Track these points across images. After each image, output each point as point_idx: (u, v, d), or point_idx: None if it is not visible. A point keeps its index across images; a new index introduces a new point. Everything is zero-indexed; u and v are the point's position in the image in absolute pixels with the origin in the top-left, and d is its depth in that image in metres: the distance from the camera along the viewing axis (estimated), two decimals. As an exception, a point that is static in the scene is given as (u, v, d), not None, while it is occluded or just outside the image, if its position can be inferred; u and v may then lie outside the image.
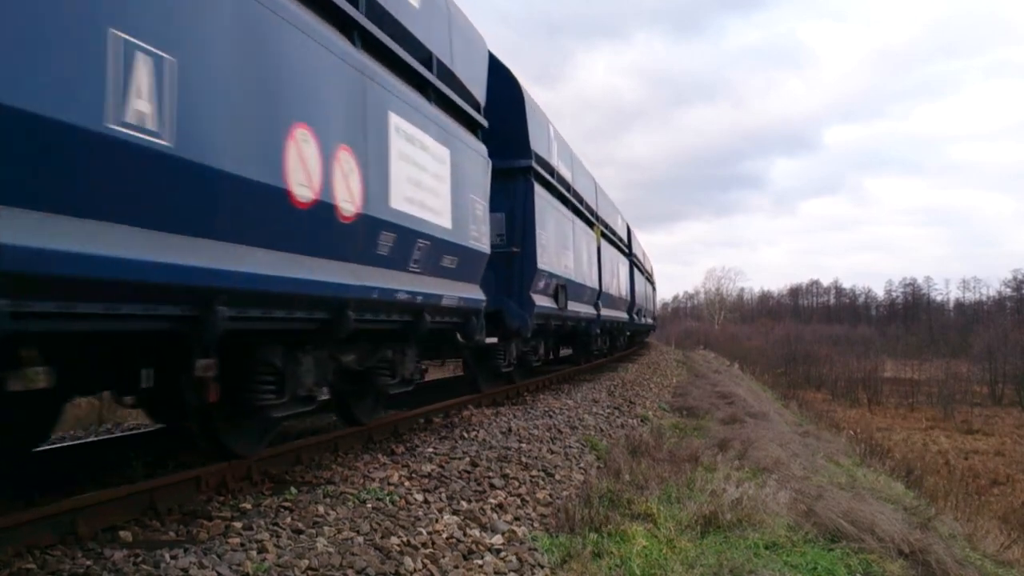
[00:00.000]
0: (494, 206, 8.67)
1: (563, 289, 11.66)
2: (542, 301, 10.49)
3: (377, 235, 5.17)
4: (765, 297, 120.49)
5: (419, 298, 5.96)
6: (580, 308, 13.46)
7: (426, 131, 6.12)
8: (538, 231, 10.22)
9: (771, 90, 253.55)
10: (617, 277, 19.80)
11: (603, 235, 17.24)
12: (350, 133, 4.78)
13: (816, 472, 8.23)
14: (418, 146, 5.94)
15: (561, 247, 11.84)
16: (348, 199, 4.71)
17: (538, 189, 10.41)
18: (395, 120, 5.49)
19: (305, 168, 4.22)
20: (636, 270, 25.84)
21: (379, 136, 5.23)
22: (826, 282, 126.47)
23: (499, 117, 9.05)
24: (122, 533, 3.73)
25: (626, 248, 23.10)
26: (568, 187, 13.15)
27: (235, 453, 4.86)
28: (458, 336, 7.55)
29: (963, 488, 17.35)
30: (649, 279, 34.80)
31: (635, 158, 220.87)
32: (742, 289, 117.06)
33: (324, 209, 4.43)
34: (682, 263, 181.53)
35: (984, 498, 17.52)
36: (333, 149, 4.54)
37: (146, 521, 3.97)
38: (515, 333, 9.82)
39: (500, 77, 9.71)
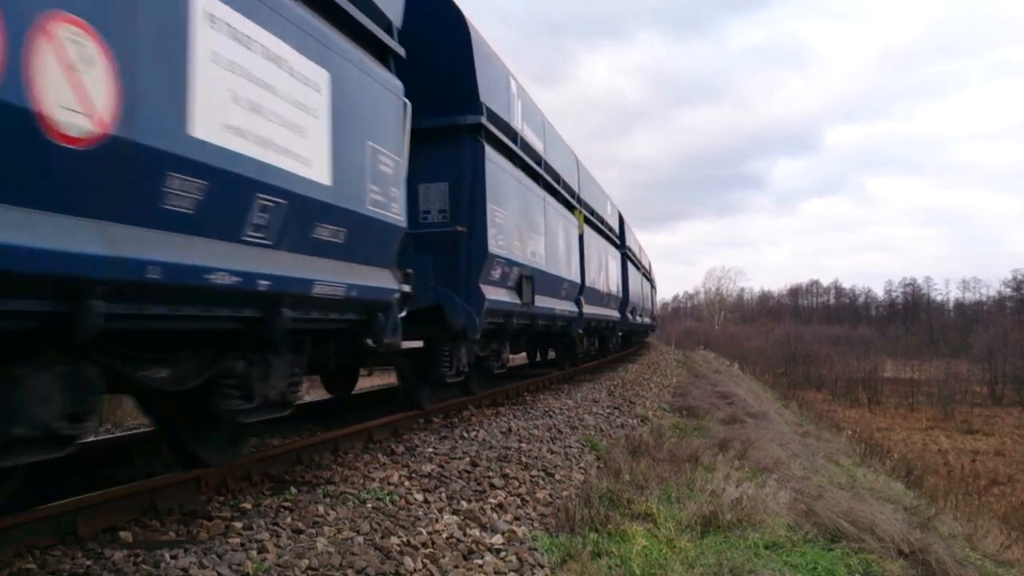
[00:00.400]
0: (434, 175, 7.56)
1: (529, 281, 9.58)
2: (497, 294, 8.42)
3: (160, 177, 3.19)
4: (765, 297, 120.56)
5: (264, 283, 3.92)
6: (556, 304, 11.43)
7: (282, 36, 4.11)
8: (490, 206, 8.03)
9: (773, 90, 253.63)
10: (606, 271, 17.55)
11: (587, 222, 15.34)
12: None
13: (816, 472, 8.23)
14: (260, 54, 3.93)
15: (527, 230, 9.72)
16: (79, 107, 2.77)
17: (491, 153, 8.22)
18: (206, 2, 3.47)
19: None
20: (630, 264, 23.48)
21: (165, 19, 3.23)
22: (826, 282, 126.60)
23: (436, 61, 7.61)
24: (122, 533, 3.73)
25: (618, 239, 21.04)
26: (539, 160, 10.91)
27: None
28: (368, 340, 5.52)
29: (963, 488, 17.36)
30: (647, 276, 33.08)
31: (638, 159, 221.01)
32: (742, 289, 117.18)
33: (12, 117, 2.52)
34: (684, 263, 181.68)
35: (984, 498, 17.53)
36: (33, 17, 2.58)
37: (146, 521, 3.97)
38: (461, 334, 7.82)
39: (437, 7, 7.91)
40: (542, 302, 10.40)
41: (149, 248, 3.16)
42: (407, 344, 6.52)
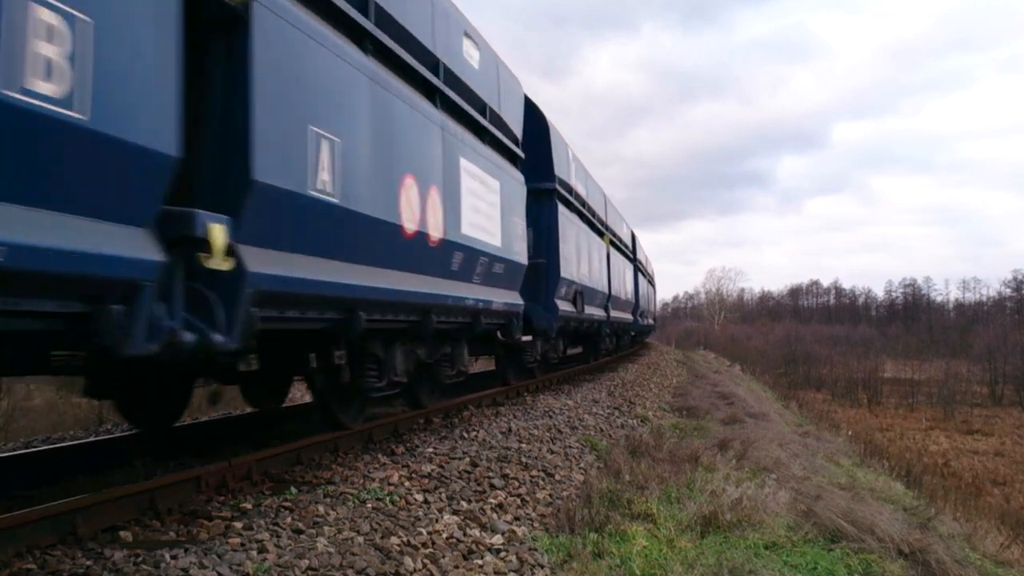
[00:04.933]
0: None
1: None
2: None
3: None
4: (765, 297, 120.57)
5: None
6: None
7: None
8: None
9: (780, 86, 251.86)
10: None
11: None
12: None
13: (816, 472, 8.24)
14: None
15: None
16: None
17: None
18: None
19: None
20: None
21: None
22: (826, 282, 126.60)
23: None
24: (122, 533, 3.73)
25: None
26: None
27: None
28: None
29: (963, 488, 17.36)
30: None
31: (641, 156, 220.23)
32: (742, 289, 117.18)
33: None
34: (685, 263, 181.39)
35: (984, 498, 17.53)
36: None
37: (146, 521, 3.97)
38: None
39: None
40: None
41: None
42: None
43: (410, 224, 5.73)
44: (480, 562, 3.88)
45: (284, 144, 4.09)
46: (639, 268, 27.36)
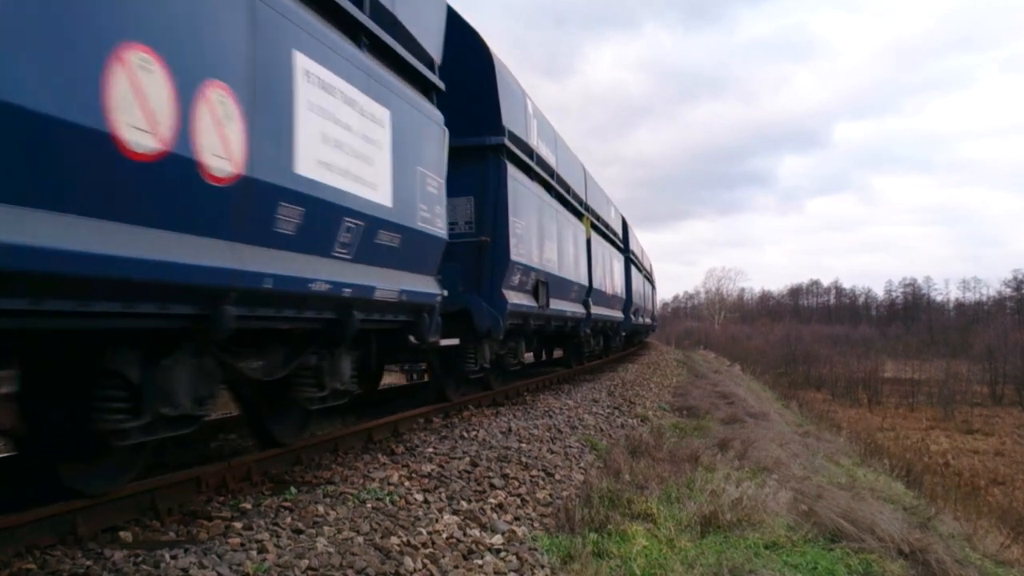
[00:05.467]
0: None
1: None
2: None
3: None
4: (765, 297, 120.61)
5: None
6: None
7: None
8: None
9: (781, 85, 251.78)
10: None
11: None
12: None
13: (816, 472, 8.24)
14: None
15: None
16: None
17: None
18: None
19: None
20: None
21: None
22: (826, 282, 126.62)
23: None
24: (122, 533, 3.73)
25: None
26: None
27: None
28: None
29: (963, 488, 17.36)
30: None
31: (641, 156, 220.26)
32: (742, 289, 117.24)
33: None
34: (685, 263, 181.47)
35: (984, 498, 17.53)
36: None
37: (146, 521, 3.97)
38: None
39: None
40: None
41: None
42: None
43: (147, 139, 3.05)
44: (480, 562, 3.88)
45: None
46: (633, 261, 24.40)
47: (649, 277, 34.26)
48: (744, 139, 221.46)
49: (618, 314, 20.00)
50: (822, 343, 67.42)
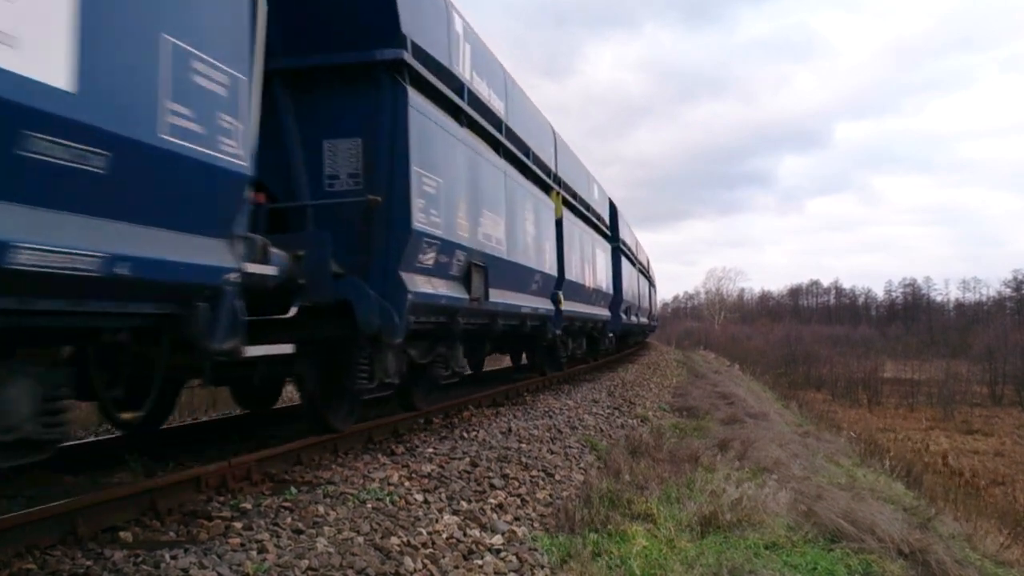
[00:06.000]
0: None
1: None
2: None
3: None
4: (765, 297, 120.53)
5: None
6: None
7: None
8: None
9: (782, 85, 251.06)
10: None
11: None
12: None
13: (816, 472, 8.23)
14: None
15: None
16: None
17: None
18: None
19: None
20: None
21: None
22: (826, 282, 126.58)
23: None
24: (122, 533, 3.73)
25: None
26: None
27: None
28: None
29: (963, 488, 17.37)
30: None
31: (642, 156, 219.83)
32: (742, 289, 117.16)
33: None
34: (685, 263, 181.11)
35: (984, 498, 17.53)
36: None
37: (146, 521, 3.97)
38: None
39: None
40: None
41: None
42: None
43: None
44: (480, 562, 3.88)
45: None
46: (624, 252, 21.27)
47: (645, 272, 31.27)
48: (744, 139, 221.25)
49: (603, 312, 16.87)
50: (822, 343, 67.39)
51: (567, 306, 12.27)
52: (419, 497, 4.76)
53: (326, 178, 5.92)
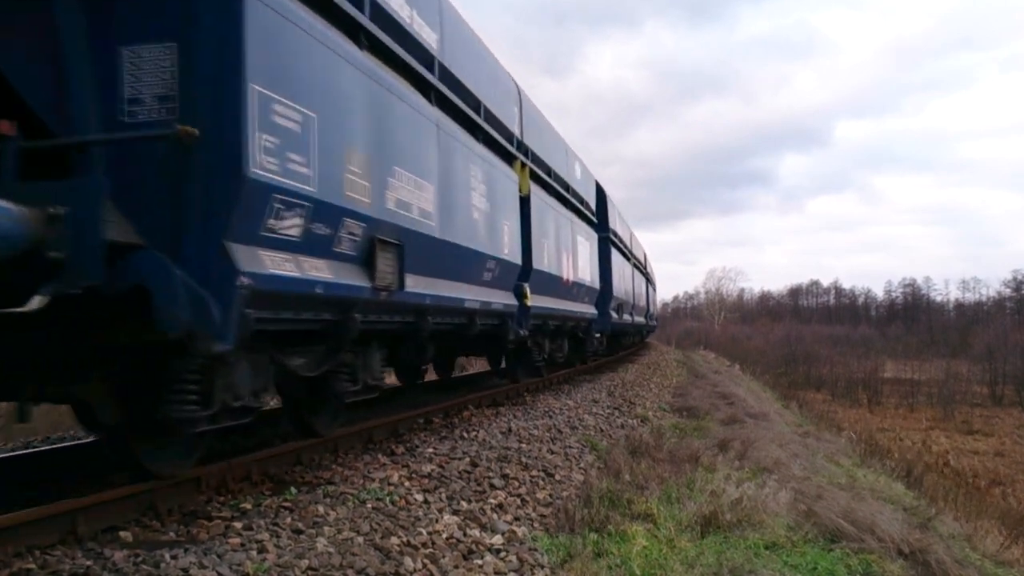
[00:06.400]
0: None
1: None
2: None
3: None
4: (765, 297, 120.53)
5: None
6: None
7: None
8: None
9: (782, 84, 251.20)
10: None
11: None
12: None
13: (816, 472, 8.23)
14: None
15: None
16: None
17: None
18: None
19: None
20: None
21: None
22: (826, 282, 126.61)
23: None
24: (122, 533, 3.73)
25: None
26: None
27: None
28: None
29: (963, 488, 17.36)
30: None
31: (642, 156, 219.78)
32: (742, 289, 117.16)
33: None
34: (685, 262, 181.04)
35: (984, 498, 17.53)
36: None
37: (146, 521, 3.97)
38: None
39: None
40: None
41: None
42: None
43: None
44: (480, 562, 3.88)
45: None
46: (615, 244, 19.12)
47: (643, 269, 29.14)
48: (745, 138, 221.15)
49: (588, 309, 14.69)
50: (822, 343, 67.36)
51: (537, 301, 10.11)
52: (419, 497, 4.76)
53: (125, 103, 3.88)
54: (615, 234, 19.24)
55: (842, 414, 33.84)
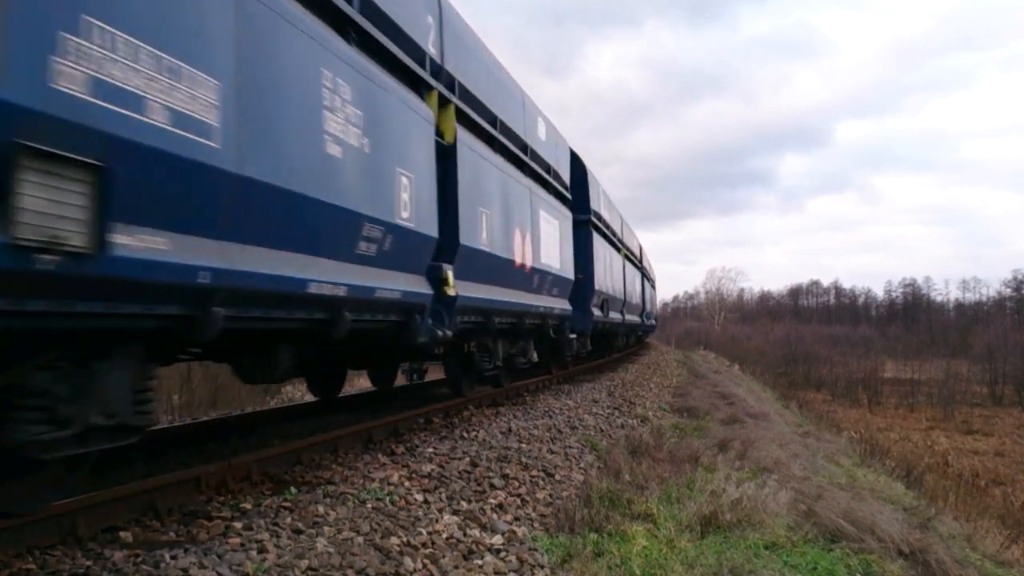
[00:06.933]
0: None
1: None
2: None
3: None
4: (765, 297, 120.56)
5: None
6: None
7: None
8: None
9: (783, 84, 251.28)
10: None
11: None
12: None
13: (816, 472, 8.23)
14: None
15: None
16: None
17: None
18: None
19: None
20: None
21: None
22: (826, 282, 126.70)
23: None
24: (122, 533, 3.73)
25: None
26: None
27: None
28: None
29: (963, 488, 17.36)
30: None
31: (642, 156, 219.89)
32: (742, 289, 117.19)
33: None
34: (685, 262, 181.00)
35: (984, 498, 17.53)
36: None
37: (146, 521, 3.97)
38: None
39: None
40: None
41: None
42: None
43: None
44: (480, 562, 3.88)
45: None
46: (601, 230, 16.39)
47: (638, 265, 26.41)
48: (745, 138, 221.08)
49: (556, 304, 11.66)
50: (822, 343, 67.37)
51: (471, 291, 7.63)
52: (419, 497, 4.76)
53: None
54: (599, 218, 16.22)
55: (842, 414, 33.83)
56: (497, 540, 4.23)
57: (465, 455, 6.11)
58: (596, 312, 14.91)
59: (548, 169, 11.72)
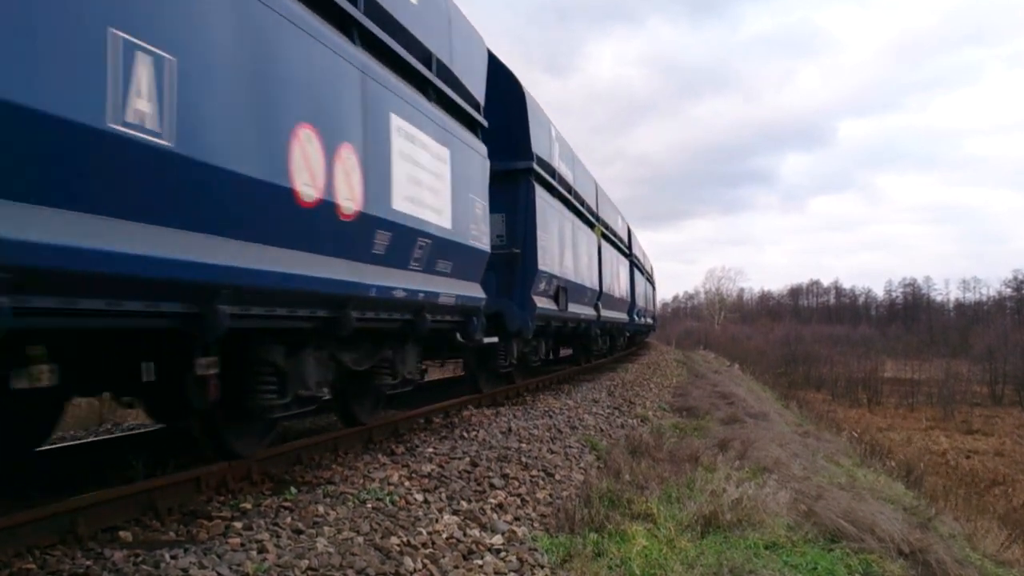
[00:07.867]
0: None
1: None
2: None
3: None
4: (765, 297, 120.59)
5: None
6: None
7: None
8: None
9: (785, 82, 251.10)
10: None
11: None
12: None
13: (816, 472, 8.23)
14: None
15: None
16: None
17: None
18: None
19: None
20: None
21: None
22: (826, 282, 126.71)
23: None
24: (122, 533, 3.73)
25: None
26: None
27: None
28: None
29: (963, 488, 17.36)
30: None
31: (644, 154, 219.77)
32: (742, 289, 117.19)
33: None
34: (686, 261, 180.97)
35: (984, 498, 17.53)
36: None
37: (146, 521, 3.97)
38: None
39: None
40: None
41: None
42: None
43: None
44: (480, 562, 3.88)
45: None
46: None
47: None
48: (747, 137, 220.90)
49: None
50: (822, 343, 67.36)
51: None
52: (419, 497, 4.76)
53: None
54: (550, 171, 11.66)
55: (842, 414, 33.84)
56: (497, 540, 4.23)
57: (465, 455, 6.11)
58: (543, 303, 10.82)
59: (428, 60, 6.63)
